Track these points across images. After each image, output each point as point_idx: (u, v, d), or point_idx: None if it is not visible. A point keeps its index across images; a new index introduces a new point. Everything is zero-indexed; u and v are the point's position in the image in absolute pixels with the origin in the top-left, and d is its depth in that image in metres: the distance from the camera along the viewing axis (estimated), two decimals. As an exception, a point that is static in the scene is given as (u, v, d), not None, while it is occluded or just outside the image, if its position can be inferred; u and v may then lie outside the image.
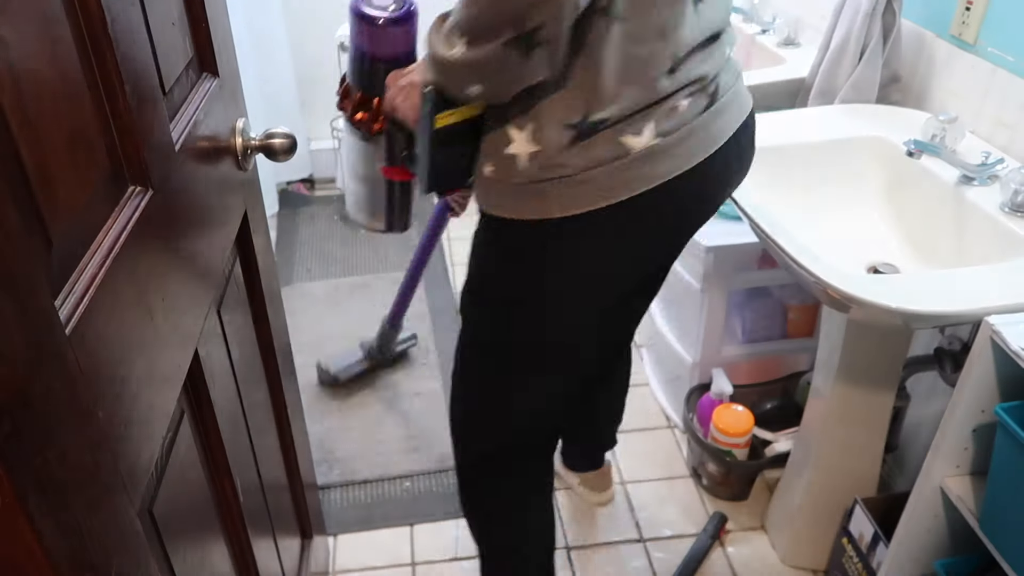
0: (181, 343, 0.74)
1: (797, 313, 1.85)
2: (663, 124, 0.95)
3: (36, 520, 0.46)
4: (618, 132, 0.93)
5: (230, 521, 0.91)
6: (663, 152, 0.95)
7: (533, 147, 0.95)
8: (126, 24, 0.64)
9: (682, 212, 1.06)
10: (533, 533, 1.36)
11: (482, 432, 1.27)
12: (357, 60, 1.10)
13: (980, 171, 1.30)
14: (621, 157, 0.94)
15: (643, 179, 0.96)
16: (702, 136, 0.99)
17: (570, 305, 1.10)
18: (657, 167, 0.96)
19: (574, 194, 0.96)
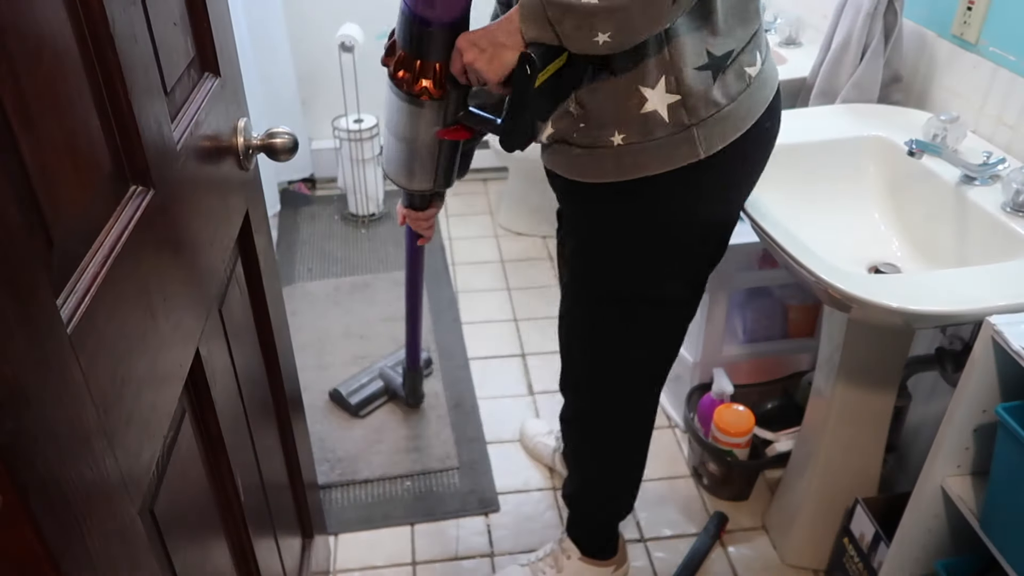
0: (182, 342, 0.75)
1: (798, 313, 1.85)
2: (763, 51, 1.07)
3: (38, 519, 0.46)
4: (742, 63, 1.03)
5: (231, 520, 0.91)
6: (766, 75, 1.08)
7: (673, 97, 1.00)
8: (127, 24, 0.64)
9: (776, 131, 1.15)
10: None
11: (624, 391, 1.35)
12: (407, 21, 1.05)
13: (981, 171, 1.30)
14: (748, 86, 1.04)
15: (761, 102, 1.07)
16: (774, 65, 1.12)
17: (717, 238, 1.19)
18: (765, 89, 1.08)
19: (718, 131, 1.03)
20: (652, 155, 1.03)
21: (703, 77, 0.99)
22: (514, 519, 1.75)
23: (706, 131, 1.02)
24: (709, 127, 1.02)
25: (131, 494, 0.60)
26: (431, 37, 1.04)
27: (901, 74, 1.60)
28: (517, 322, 2.34)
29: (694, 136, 1.02)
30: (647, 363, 1.31)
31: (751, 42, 1.04)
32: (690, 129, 1.01)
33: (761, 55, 1.06)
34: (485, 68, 1.00)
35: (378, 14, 2.74)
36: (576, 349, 1.34)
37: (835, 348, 1.41)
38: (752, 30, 1.04)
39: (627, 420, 1.39)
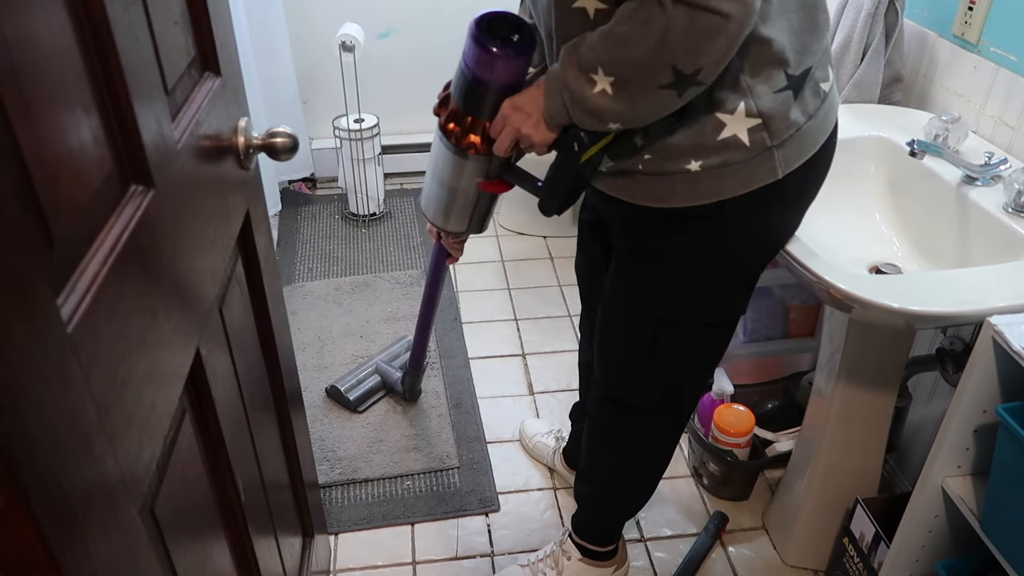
0: (183, 342, 0.74)
1: (799, 313, 1.85)
2: (829, 67, 1.06)
3: (38, 518, 0.46)
4: (818, 79, 1.02)
5: (231, 520, 0.91)
6: (834, 89, 1.07)
7: (753, 121, 0.98)
8: (128, 23, 0.64)
9: (836, 143, 1.12)
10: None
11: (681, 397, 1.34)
12: (463, 79, 1.09)
13: (983, 171, 1.30)
14: (824, 100, 1.03)
15: (831, 117, 1.06)
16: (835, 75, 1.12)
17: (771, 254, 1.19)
18: (835, 104, 1.07)
19: (795, 149, 1.02)
20: (730, 179, 1.02)
21: (783, 98, 0.98)
22: (514, 519, 1.75)
23: (786, 151, 1.01)
24: (788, 147, 1.01)
25: (131, 494, 0.60)
26: (485, 97, 1.07)
27: (902, 74, 1.60)
28: (517, 322, 2.34)
29: (775, 157, 1.01)
30: (697, 375, 1.31)
31: (824, 55, 1.02)
32: (771, 151, 1.00)
33: (832, 67, 1.05)
34: (531, 133, 1.03)
35: (378, 14, 2.75)
36: (627, 364, 1.30)
37: (836, 348, 1.41)
38: (824, 43, 1.02)
39: (666, 427, 1.38)
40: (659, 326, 1.20)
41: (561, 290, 2.48)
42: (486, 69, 1.05)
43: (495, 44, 1.03)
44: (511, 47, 1.03)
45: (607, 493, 1.50)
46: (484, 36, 1.04)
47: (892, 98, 1.62)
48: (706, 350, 1.26)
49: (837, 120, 1.09)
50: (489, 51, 1.03)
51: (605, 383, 1.35)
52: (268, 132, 1.00)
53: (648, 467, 1.46)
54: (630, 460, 1.43)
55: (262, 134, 1.00)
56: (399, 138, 2.97)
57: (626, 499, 1.51)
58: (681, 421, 1.38)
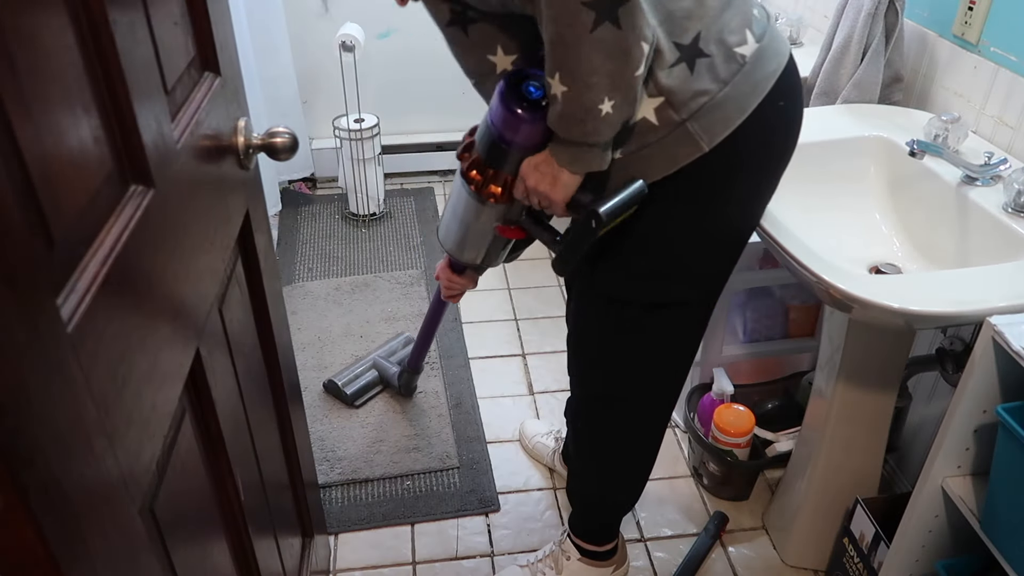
0: (182, 342, 0.74)
1: (798, 313, 1.85)
2: (757, 27, 1.02)
3: (38, 518, 0.46)
4: (728, 44, 0.99)
5: (231, 520, 0.91)
6: (765, 50, 1.02)
7: (656, 100, 0.98)
8: (128, 23, 0.64)
9: (797, 110, 1.10)
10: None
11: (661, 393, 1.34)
12: (488, 134, 1.10)
13: (983, 171, 1.30)
14: (742, 66, 0.99)
15: (764, 80, 1.01)
16: (779, 39, 1.06)
17: (735, 241, 1.16)
18: (767, 65, 1.02)
19: (716, 120, 0.99)
20: (652, 160, 1.02)
21: (678, 71, 0.97)
22: (514, 519, 1.75)
23: (702, 122, 0.99)
24: (704, 117, 0.99)
25: (131, 493, 0.60)
26: (508, 155, 1.09)
27: (902, 74, 1.60)
28: (517, 322, 2.34)
29: (690, 130, 0.99)
30: (656, 362, 1.28)
31: (727, 20, 0.99)
32: (684, 125, 0.99)
33: (753, 32, 1.01)
34: (549, 191, 1.04)
35: (379, 14, 2.75)
36: (585, 349, 1.33)
37: (836, 348, 1.41)
38: (713, 6, 0.98)
39: (640, 419, 1.38)
40: (608, 304, 1.20)
41: (561, 290, 2.48)
42: (511, 130, 1.06)
43: (522, 106, 1.04)
44: (539, 110, 1.03)
45: (594, 489, 1.50)
46: (512, 97, 1.04)
47: (892, 98, 1.62)
48: (658, 335, 1.23)
49: (786, 86, 1.05)
50: (515, 113, 1.04)
51: (574, 372, 1.38)
52: (268, 132, 1.00)
53: (630, 461, 1.45)
54: (610, 454, 1.43)
55: (262, 134, 1.00)
56: (399, 138, 2.97)
57: (613, 495, 1.51)
58: (655, 413, 1.37)
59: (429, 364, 2.14)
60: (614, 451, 1.43)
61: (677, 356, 1.29)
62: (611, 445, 1.42)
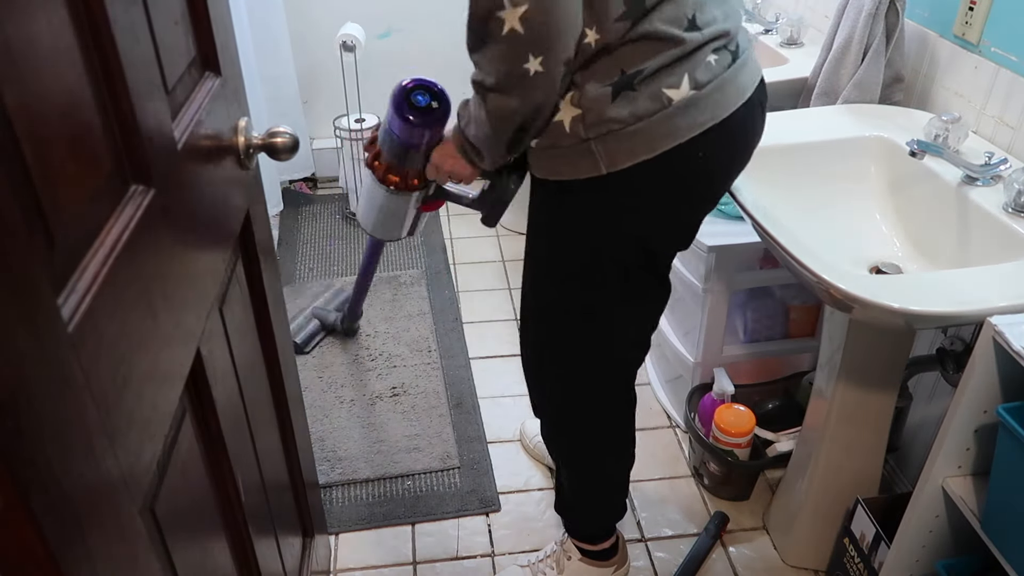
0: (183, 342, 0.75)
1: (799, 313, 1.85)
2: (697, 75, 1.03)
3: (38, 518, 0.46)
4: (660, 84, 1.01)
5: (232, 520, 0.91)
6: (701, 100, 1.03)
7: (575, 111, 1.03)
8: (129, 23, 0.64)
9: (720, 163, 1.13)
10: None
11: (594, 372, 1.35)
12: (393, 143, 1.29)
13: (983, 171, 1.30)
14: (664, 107, 1.02)
15: (686, 128, 1.03)
16: (732, 88, 1.07)
17: (616, 260, 1.17)
18: (698, 116, 1.04)
19: (621, 149, 1.04)
20: (560, 162, 1.09)
21: (603, 93, 1.01)
22: (515, 519, 1.75)
23: (606, 147, 1.03)
24: (609, 143, 1.03)
25: (132, 493, 0.60)
26: (416, 156, 1.29)
27: (903, 74, 1.60)
28: (518, 322, 2.34)
29: (592, 150, 1.04)
30: (566, 357, 1.31)
31: (674, 64, 1.01)
32: (588, 143, 1.04)
33: (693, 79, 1.02)
34: (460, 170, 1.21)
35: (379, 14, 2.74)
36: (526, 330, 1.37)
37: (836, 348, 1.41)
38: (673, 53, 1.01)
39: (593, 411, 1.39)
40: (525, 291, 1.30)
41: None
42: (413, 136, 1.25)
43: (416, 115, 1.23)
44: (430, 115, 1.23)
45: (575, 487, 1.50)
46: (407, 109, 1.23)
47: (893, 98, 1.62)
48: (561, 331, 1.28)
49: (716, 140, 1.06)
50: (411, 123, 1.23)
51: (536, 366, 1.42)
52: (268, 132, 1.00)
53: (599, 455, 1.45)
54: (577, 449, 1.45)
55: (262, 134, 1.00)
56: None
57: (594, 494, 1.51)
58: (607, 409, 1.39)
59: (430, 364, 2.14)
60: (580, 456, 1.45)
61: (605, 352, 1.30)
62: (577, 439, 1.43)
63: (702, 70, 1.03)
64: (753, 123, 1.13)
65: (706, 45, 1.03)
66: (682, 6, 1.00)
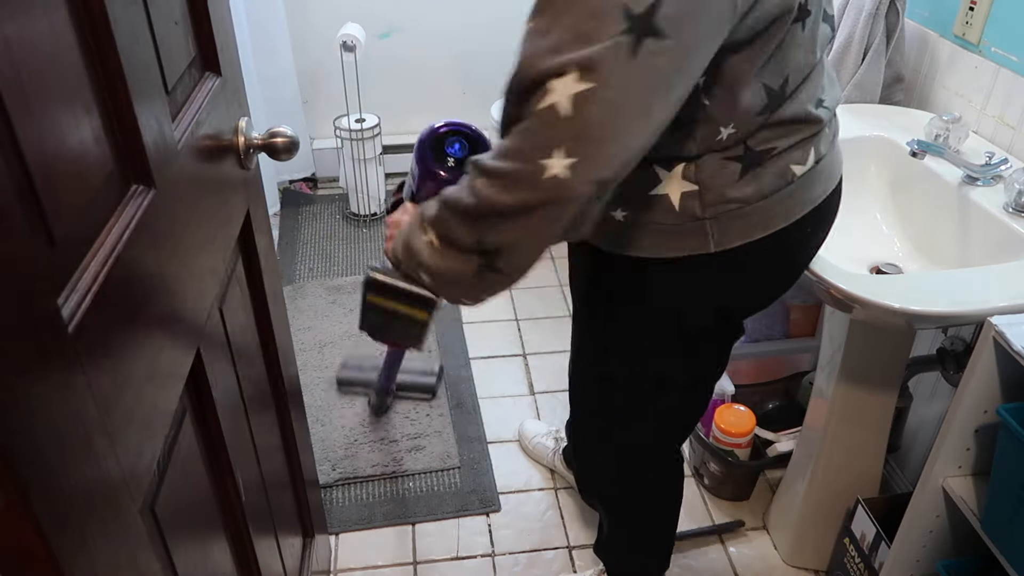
0: (183, 342, 0.75)
1: (799, 313, 1.85)
2: (820, 147, 0.95)
3: (38, 518, 0.46)
4: (789, 160, 0.91)
5: (232, 519, 0.91)
6: (818, 175, 0.95)
7: (689, 186, 0.90)
8: (129, 23, 0.64)
9: (821, 234, 1.05)
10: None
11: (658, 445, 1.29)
12: (414, 187, 1.09)
13: (984, 171, 1.30)
14: (788, 184, 0.92)
15: (802, 204, 0.95)
16: (837, 155, 1.01)
17: (697, 329, 1.07)
18: (813, 190, 0.96)
19: (735, 228, 0.92)
20: (654, 239, 0.94)
21: (729, 170, 0.89)
22: (515, 519, 1.75)
23: (722, 225, 0.91)
24: (726, 222, 0.91)
25: (132, 493, 0.60)
26: None
27: (903, 74, 1.60)
28: (518, 322, 2.34)
29: (706, 229, 0.92)
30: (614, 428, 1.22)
31: (807, 139, 0.92)
32: (703, 222, 0.91)
33: (817, 151, 0.94)
34: (388, 237, 1.03)
35: (379, 14, 2.74)
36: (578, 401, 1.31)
37: (836, 348, 1.41)
38: (807, 132, 0.91)
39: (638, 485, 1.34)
40: (574, 358, 1.20)
41: (562, 290, 2.48)
42: (420, 185, 1.05)
43: (443, 168, 1.02)
44: (457, 171, 0.99)
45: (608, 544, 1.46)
46: (435, 161, 1.02)
47: (893, 98, 1.62)
48: (615, 403, 1.18)
49: (822, 213, 0.99)
50: (440, 180, 1.01)
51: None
52: (268, 132, 1.00)
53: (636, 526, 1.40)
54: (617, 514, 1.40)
55: (262, 134, 1.00)
56: (400, 138, 2.97)
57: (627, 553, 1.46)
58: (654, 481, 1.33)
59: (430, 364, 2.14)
60: (622, 518, 1.40)
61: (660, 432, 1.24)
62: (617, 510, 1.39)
63: (823, 141, 0.95)
64: (841, 190, 1.05)
65: (830, 118, 0.96)
66: (815, 86, 0.91)
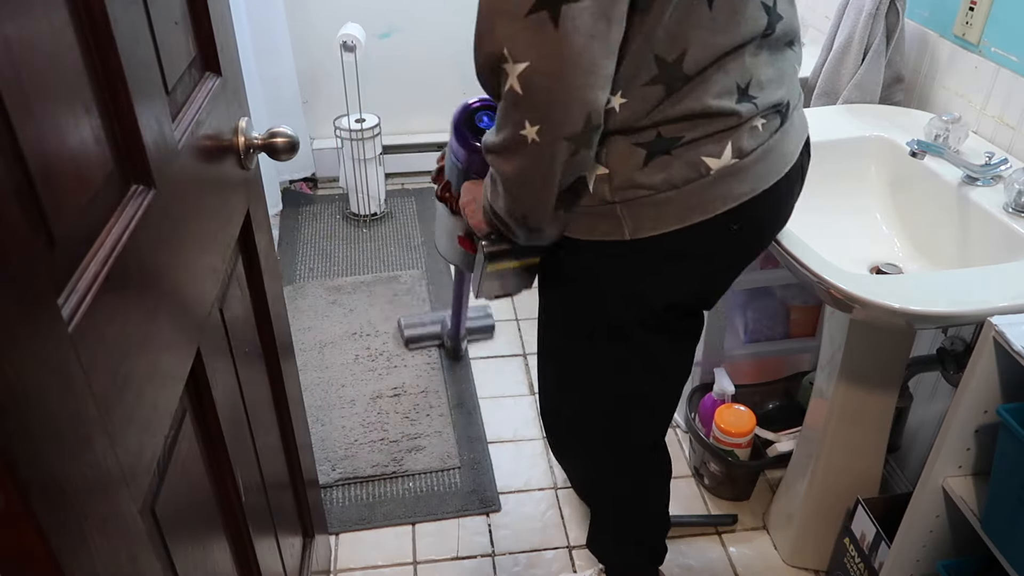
0: (183, 342, 0.75)
1: (799, 313, 1.85)
2: (742, 144, 0.93)
3: (39, 518, 0.46)
4: (697, 151, 0.91)
5: (232, 520, 0.91)
6: (742, 171, 0.94)
7: (600, 170, 0.93)
8: (129, 23, 0.64)
9: (754, 235, 1.04)
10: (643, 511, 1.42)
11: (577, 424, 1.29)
12: (452, 160, 1.24)
13: (983, 171, 1.30)
14: (701, 177, 0.92)
15: (721, 199, 0.94)
16: (776, 156, 0.98)
17: (631, 324, 1.09)
18: (735, 187, 0.94)
19: (647, 216, 0.94)
20: (578, 221, 0.99)
21: (634, 155, 0.91)
22: (515, 519, 1.75)
23: (633, 212, 0.94)
24: (637, 209, 0.94)
25: (132, 493, 0.60)
26: (468, 178, 1.20)
27: (903, 75, 1.60)
28: (518, 322, 2.34)
29: (618, 213, 0.95)
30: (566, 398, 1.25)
31: (721, 133, 0.92)
32: (613, 206, 0.95)
33: (737, 148, 0.93)
34: (471, 216, 1.11)
35: (380, 14, 2.74)
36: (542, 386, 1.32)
37: (837, 348, 1.41)
38: (720, 125, 0.91)
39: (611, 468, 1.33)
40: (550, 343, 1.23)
41: (562, 290, 2.48)
42: (471, 161, 1.18)
43: (477, 139, 1.12)
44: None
45: (596, 513, 1.47)
46: (467, 131, 1.14)
47: (893, 98, 1.62)
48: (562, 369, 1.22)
49: (751, 213, 0.97)
50: (472, 147, 1.15)
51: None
52: (268, 132, 1.00)
53: (619, 514, 1.40)
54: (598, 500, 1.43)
55: (262, 134, 1.00)
56: (400, 138, 2.97)
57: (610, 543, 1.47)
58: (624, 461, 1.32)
59: (430, 364, 2.15)
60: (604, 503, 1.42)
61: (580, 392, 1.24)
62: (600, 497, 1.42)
63: (748, 137, 0.93)
64: (791, 188, 1.04)
65: (758, 113, 0.94)
66: (733, 74, 0.90)
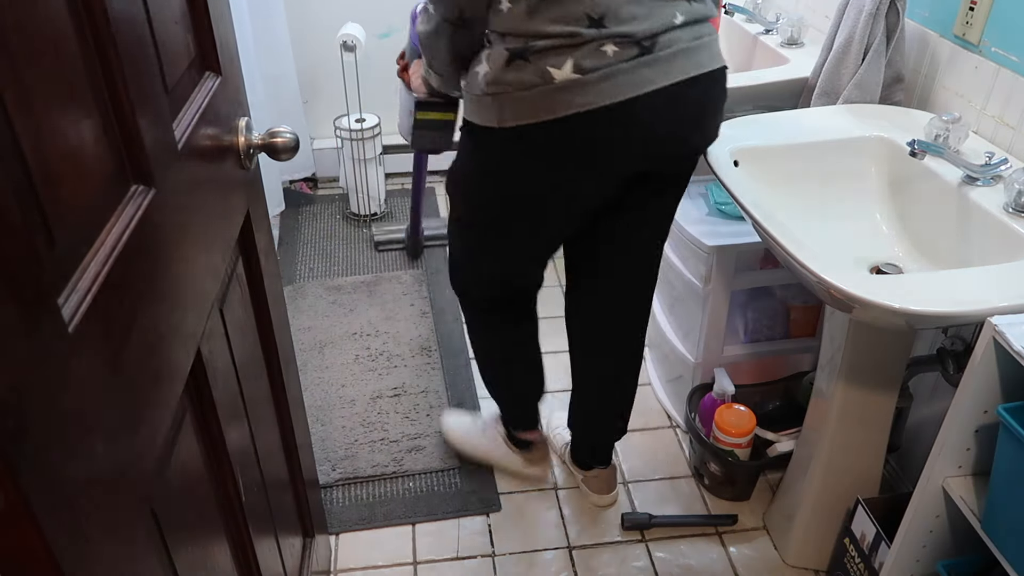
0: (183, 342, 0.75)
1: (799, 313, 1.85)
2: (583, 62, 1.12)
3: (38, 518, 0.46)
4: (544, 61, 1.13)
5: (232, 519, 0.91)
6: (586, 86, 1.13)
7: (485, 67, 1.19)
8: (129, 23, 0.64)
9: (605, 146, 1.21)
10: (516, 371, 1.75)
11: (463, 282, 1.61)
12: (412, 51, 1.51)
13: (983, 171, 1.30)
14: (547, 83, 1.14)
15: (563, 105, 1.14)
16: (624, 80, 1.14)
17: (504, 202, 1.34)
18: (576, 97, 1.14)
19: (510, 108, 1.17)
20: (471, 106, 1.24)
21: (501, 55, 1.15)
22: (515, 519, 1.75)
23: (500, 104, 1.18)
24: (503, 102, 1.17)
25: (132, 493, 0.60)
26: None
27: (903, 74, 1.60)
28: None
29: (489, 104, 1.19)
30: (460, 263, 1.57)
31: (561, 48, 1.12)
32: (487, 97, 1.19)
33: (577, 65, 1.12)
34: (413, 78, 1.50)
35: (380, 14, 2.74)
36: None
37: (837, 348, 1.41)
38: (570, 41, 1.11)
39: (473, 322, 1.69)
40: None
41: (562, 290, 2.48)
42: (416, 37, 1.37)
43: None
44: None
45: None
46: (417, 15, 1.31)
47: (893, 98, 1.62)
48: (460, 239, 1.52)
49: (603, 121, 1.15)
50: None
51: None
52: (268, 132, 1.00)
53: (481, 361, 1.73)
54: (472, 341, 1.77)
55: (263, 134, 1.00)
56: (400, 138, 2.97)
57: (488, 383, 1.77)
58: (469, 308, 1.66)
59: (430, 364, 2.15)
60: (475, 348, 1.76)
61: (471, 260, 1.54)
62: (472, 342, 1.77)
63: (590, 58, 1.12)
64: (667, 120, 1.20)
65: (604, 39, 1.12)
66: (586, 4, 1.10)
